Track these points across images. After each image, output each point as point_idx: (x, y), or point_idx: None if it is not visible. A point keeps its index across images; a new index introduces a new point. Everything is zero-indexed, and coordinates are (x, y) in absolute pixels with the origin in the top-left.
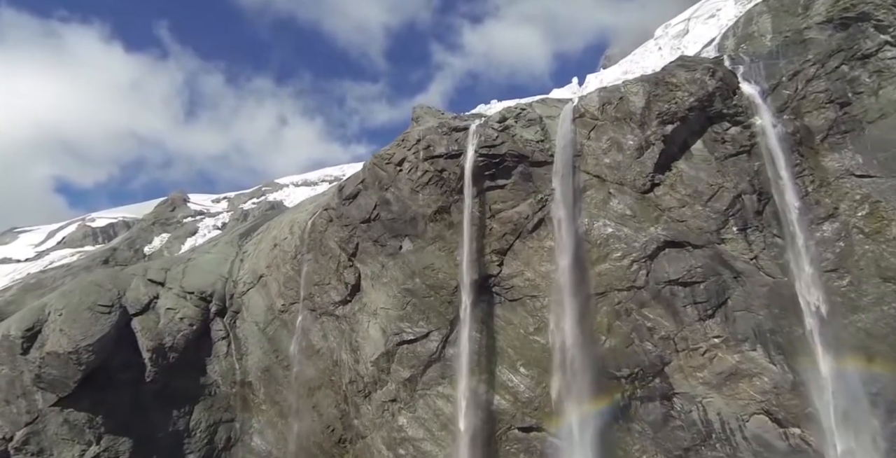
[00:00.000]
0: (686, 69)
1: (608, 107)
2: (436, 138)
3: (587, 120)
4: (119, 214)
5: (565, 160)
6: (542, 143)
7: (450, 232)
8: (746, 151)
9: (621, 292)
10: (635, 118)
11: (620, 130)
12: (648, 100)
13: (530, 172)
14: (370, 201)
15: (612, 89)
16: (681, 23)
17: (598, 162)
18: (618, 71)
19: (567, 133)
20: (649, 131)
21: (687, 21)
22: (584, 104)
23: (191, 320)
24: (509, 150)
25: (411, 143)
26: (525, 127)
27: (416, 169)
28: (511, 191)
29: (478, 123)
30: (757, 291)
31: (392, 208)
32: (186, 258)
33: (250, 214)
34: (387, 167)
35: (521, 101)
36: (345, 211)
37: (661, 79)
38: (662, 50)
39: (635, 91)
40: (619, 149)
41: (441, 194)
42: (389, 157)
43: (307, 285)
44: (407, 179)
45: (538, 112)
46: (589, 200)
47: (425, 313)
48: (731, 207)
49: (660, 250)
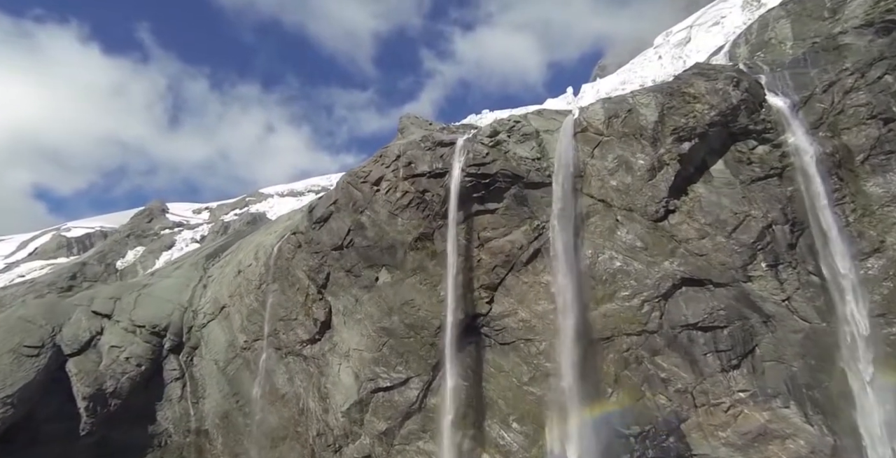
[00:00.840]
0: (705, 78)
1: (615, 120)
2: (418, 154)
3: (590, 135)
4: (96, 223)
5: (565, 182)
6: (539, 161)
7: (432, 263)
8: (777, 174)
9: (630, 336)
10: (646, 134)
11: (629, 148)
12: (662, 113)
13: (525, 194)
14: (343, 226)
15: (619, 101)
16: (682, 31)
17: (604, 184)
18: (615, 80)
19: (567, 150)
20: (663, 149)
21: (689, 29)
22: (587, 117)
23: (139, 360)
24: (501, 169)
25: (390, 159)
26: (519, 143)
27: (396, 189)
28: (503, 216)
29: (465, 137)
30: (790, 338)
31: (367, 234)
32: (142, 284)
33: (231, 227)
34: (362, 187)
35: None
36: (315, 236)
37: (676, 89)
38: (663, 59)
39: (646, 103)
40: (628, 169)
41: (423, 219)
42: (365, 175)
43: (272, 319)
44: (385, 201)
45: (534, 126)
46: (593, 229)
47: (404, 357)
48: (760, 240)
49: (676, 288)
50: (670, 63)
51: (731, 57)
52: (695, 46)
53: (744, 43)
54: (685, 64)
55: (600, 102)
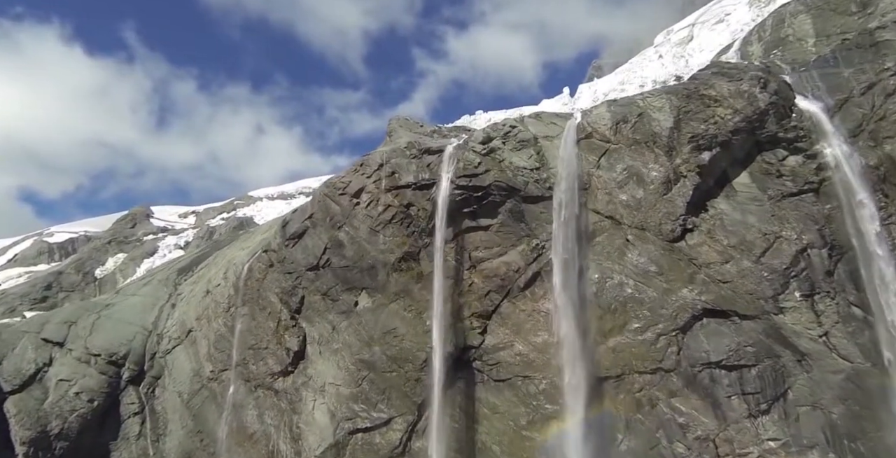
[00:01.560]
0: (727, 79)
1: (623, 126)
2: (402, 163)
3: (596, 142)
4: (81, 227)
5: (568, 195)
6: (538, 171)
7: (418, 286)
8: (812, 190)
9: (644, 375)
10: (660, 142)
11: (641, 157)
12: (678, 118)
13: (522, 209)
14: (319, 243)
15: (628, 103)
16: (684, 29)
17: (612, 199)
18: (613, 81)
19: (570, 159)
20: (679, 159)
21: (691, 27)
22: (592, 122)
23: (92, 394)
24: (495, 180)
25: (372, 168)
26: (515, 150)
27: (377, 203)
28: (497, 234)
29: (455, 143)
30: (829, 379)
31: (346, 253)
32: (104, 304)
33: (216, 232)
34: (340, 199)
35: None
36: (288, 254)
37: (693, 91)
38: (664, 58)
39: (659, 106)
40: (640, 182)
41: (407, 236)
42: (344, 186)
43: (241, 347)
44: (365, 216)
45: (531, 131)
46: (600, 250)
47: (386, 394)
48: (793, 266)
49: (696, 320)
50: (672, 62)
51: (743, 56)
52: (697, 45)
53: (756, 41)
54: (687, 63)
55: (605, 104)
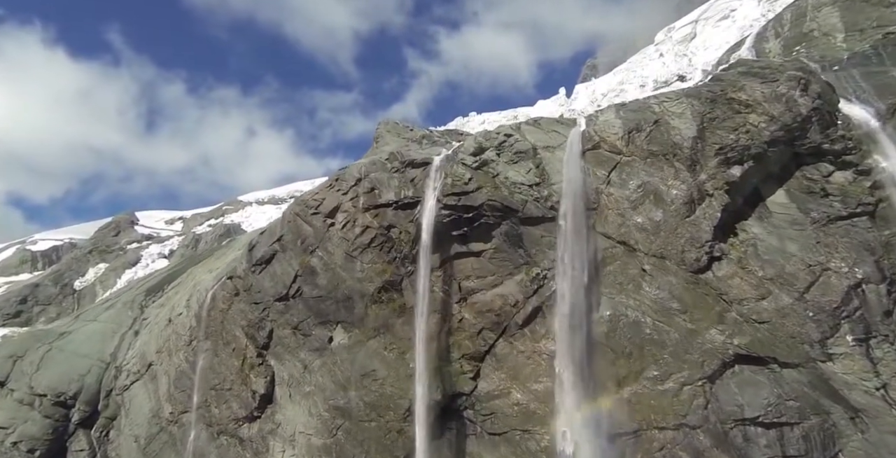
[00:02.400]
0: (760, 79)
1: (637, 135)
2: (383, 178)
3: (605, 154)
4: (66, 235)
5: (573, 217)
6: (538, 188)
7: (400, 321)
8: (867, 213)
9: (665, 431)
10: (682, 154)
11: (658, 172)
12: (702, 126)
13: (520, 233)
14: (289, 269)
15: (640, 108)
16: (686, 26)
17: (625, 221)
18: (612, 81)
19: (575, 174)
20: (704, 175)
21: (694, 24)
22: (599, 130)
23: (33, 443)
24: (488, 199)
25: (349, 184)
26: (512, 163)
27: (354, 223)
28: (492, 261)
29: (443, 154)
30: (888, 441)
31: (319, 281)
32: (58, 333)
33: (202, 240)
34: (313, 219)
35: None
36: (255, 282)
37: (719, 94)
38: (665, 56)
39: (679, 112)
40: (658, 201)
41: (388, 263)
42: (317, 204)
43: (203, 387)
44: (340, 239)
45: (530, 140)
46: (611, 281)
47: (364, 446)
48: (845, 304)
49: (727, 367)
50: (673, 61)
51: (758, 53)
52: (701, 43)
53: (773, 37)
54: (690, 62)
55: (614, 109)
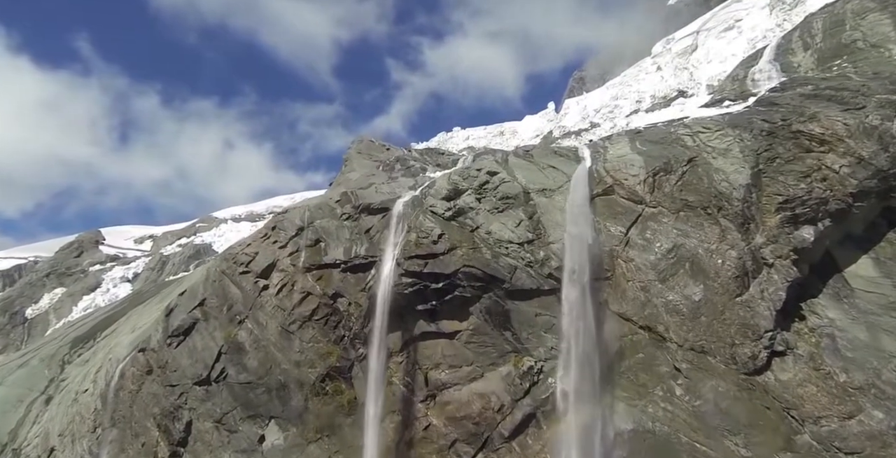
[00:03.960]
0: (839, 105)
1: (665, 179)
2: (330, 228)
3: (621, 201)
4: (32, 252)
5: (580, 289)
6: (532, 247)
7: (348, 421)
8: None
9: None
10: (730, 208)
11: (697, 231)
12: (757, 169)
13: (507, 309)
14: (212, 344)
15: (665, 138)
16: (686, 37)
17: (651, 298)
18: (605, 95)
19: (581, 229)
20: (762, 238)
21: (695, 35)
22: (613, 168)
23: None
24: (465, 264)
25: (288, 234)
26: (496, 212)
27: (293, 288)
28: (469, 346)
29: (408, 197)
30: None
31: (248, 362)
32: None
33: (169, 262)
34: (242, 280)
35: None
36: (171, 357)
37: (780, 124)
38: (663, 70)
39: (723, 148)
40: (697, 272)
41: (334, 343)
42: (248, 260)
43: None
44: (275, 308)
45: (520, 180)
46: (632, 381)
47: None
48: None
49: None
50: (673, 75)
51: (785, 67)
52: (703, 55)
53: (801, 48)
54: (692, 76)
55: (627, 138)
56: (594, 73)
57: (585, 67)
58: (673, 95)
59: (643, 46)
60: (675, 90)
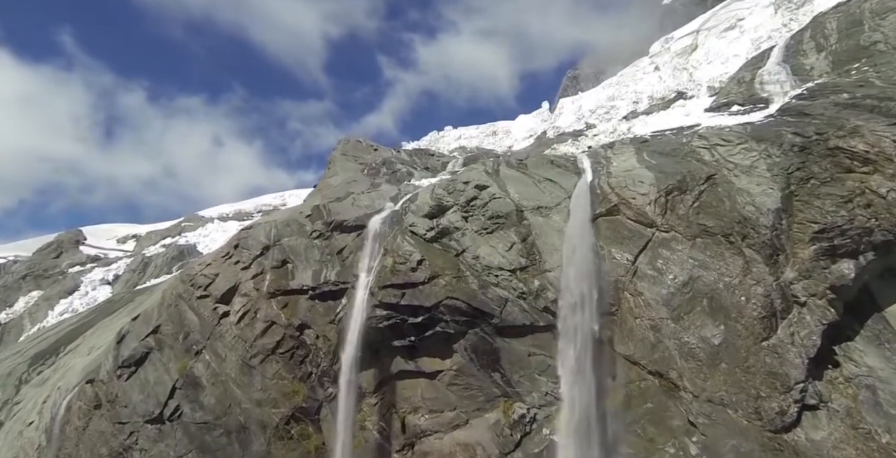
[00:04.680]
0: (886, 118)
1: (680, 200)
2: (299, 247)
3: (627, 223)
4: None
5: (580, 325)
6: (526, 275)
7: None
8: None
9: None
10: (755, 236)
11: (717, 262)
12: (788, 191)
13: (496, 347)
14: (165, 378)
15: (677, 150)
16: (686, 37)
17: (662, 338)
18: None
19: (582, 255)
20: (793, 272)
21: (695, 34)
22: (618, 184)
23: None
24: (449, 296)
25: (252, 253)
26: (485, 233)
27: (256, 315)
28: (452, 389)
29: (387, 212)
30: None
31: (204, 399)
32: None
33: (152, 263)
34: (199, 305)
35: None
36: (121, 391)
37: (814, 139)
38: (662, 70)
39: (747, 165)
40: (716, 309)
41: (300, 380)
42: (208, 282)
43: None
44: (236, 338)
45: (513, 195)
46: (640, 435)
47: None
48: None
49: None
50: (671, 76)
51: (796, 70)
52: (703, 56)
53: (813, 50)
54: (692, 77)
55: (633, 148)
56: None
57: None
58: (672, 96)
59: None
60: (674, 91)
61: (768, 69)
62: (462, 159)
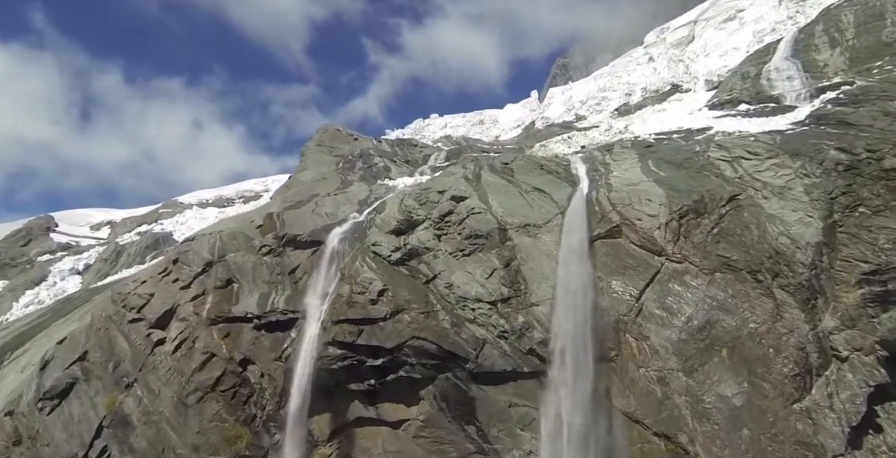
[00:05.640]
0: None
1: (695, 224)
2: (245, 264)
3: (631, 249)
4: None
5: (572, 373)
6: (507, 308)
7: None
8: None
9: None
10: (790, 276)
11: (742, 303)
12: (831, 222)
13: (471, 396)
14: (91, 414)
15: (690, 159)
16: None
17: (669, 395)
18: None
19: (576, 284)
20: (833, 320)
21: (692, 25)
22: (620, 201)
23: None
24: (414, 335)
25: (193, 269)
26: (461, 255)
27: (193, 345)
28: (419, 441)
29: (349, 224)
30: None
31: (134, 441)
32: None
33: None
34: (132, 330)
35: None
36: (42, 426)
37: (863, 157)
38: (656, 61)
39: (780, 184)
40: (738, 364)
41: (243, 423)
42: (142, 302)
43: None
44: (172, 370)
45: (496, 209)
46: None
47: None
48: None
49: None
50: (666, 67)
51: (807, 67)
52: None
53: (827, 45)
54: (688, 69)
55: (636, 153)
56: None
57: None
58: (667, 88)
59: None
60: (669, 83)
61: (776, 65)
62: (445, 153)
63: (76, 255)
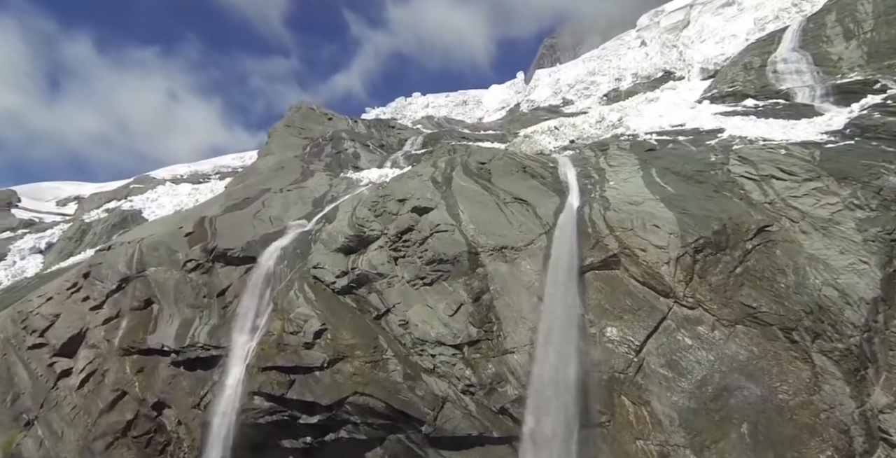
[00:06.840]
0: None
1: (714, 261)
2: (167, 283)
3: (630, 285)
4: None
5: (554, 442)
6: (475, 354)
7: None
8: None
9: None
10: (835, 338)
11: (770, 366)
12: (891, 270)
13: None
14: None
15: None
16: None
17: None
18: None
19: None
20: (886, 398)
21: (688, 8)
22: (618, 224)
23: None
24: (357, 391)
25: (105, 288)
26: (421, 284)
27: (103, 380)
28: None
29: (291, 237)
30: None
31: None
32: None
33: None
34: (32, 357)
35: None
36: None
37: None
38: (649, 46)
39: (824, 217)
40: (763, 444)
41: None
42: (45, 324)
43: None
44: (78, 410)
45: (468, 225)
46: None
47: None
48: None
49: None
50: (659, 53)
51: (819, 60)
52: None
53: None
54: (682, 56)
55: (636, 159)
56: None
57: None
58: (659, 75)
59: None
60: (661, 70)
61: (782, 56)
62: (422, 139)
63: (39, 232)
